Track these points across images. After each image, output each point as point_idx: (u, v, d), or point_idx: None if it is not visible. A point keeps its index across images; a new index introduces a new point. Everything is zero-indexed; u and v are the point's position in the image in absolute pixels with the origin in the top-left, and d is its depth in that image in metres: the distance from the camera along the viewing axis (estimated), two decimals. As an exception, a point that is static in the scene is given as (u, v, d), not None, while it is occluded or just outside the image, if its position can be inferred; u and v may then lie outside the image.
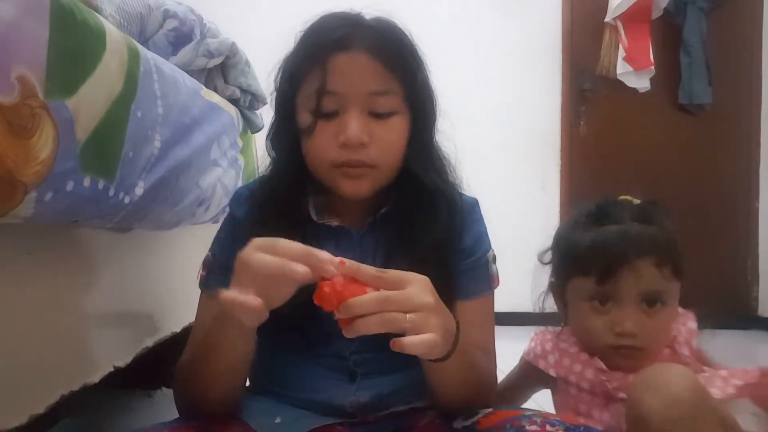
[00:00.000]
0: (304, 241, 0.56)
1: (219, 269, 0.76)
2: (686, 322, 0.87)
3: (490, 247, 0.83)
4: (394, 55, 0.71)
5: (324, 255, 0.55)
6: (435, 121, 0.79)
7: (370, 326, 0.54)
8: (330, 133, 0.70)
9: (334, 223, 0.76)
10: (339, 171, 0.71)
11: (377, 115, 0.71)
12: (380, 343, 0.65)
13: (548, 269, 0.93)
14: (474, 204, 0.83)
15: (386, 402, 0.77)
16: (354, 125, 0.69)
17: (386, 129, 0.72)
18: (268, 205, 0.75)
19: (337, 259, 0.55)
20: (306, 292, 0.58)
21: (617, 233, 0.82)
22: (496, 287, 0.82)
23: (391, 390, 0.77)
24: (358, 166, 0.71)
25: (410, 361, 0.66)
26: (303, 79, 0.72)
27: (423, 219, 0.75)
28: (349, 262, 0.56)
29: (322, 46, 0.70)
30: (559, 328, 0.91)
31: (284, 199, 0.75)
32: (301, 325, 0.72)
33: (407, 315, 0.55)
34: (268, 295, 0.55)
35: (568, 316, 0.89)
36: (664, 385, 0.65)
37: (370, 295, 0.55)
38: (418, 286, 0.57)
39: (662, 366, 0.70)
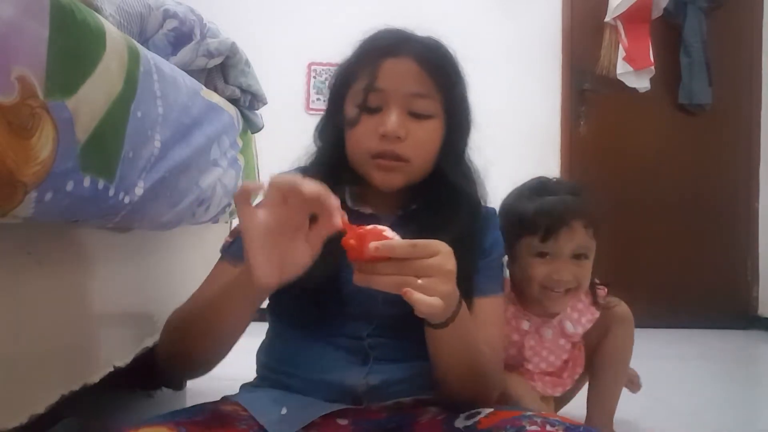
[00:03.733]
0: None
1: None
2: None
3: (505, 253, 0.89)
4: (437, 66, 0.80)
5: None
6: (468, 134, 0.87)
7: (385, 284, 0.59)
8: (372, 125, 0.78)
9: (368, 211, 0.83)
10: (374, 162, 0.79)
11: (415, 116, 0.79)
12: (396, 330, 0.76)
13: None
14: (493, 213, 0.91)
15: (393, 389, 0.79)
16: (394, 120, 0.77)
17: (422, 129, 0.79)
18: None
19: (384, 228, 0.60)
20: (328, 268, 0.68)
21: (557, 201, 1.08)
22: (506, 291, 0.89)
23: (400, 378, 0.79)
24: (392, 158, 0.78)
25: (421, 353, 0.74)
26: (354, 79, 0.81)
27: (447, 216, 0.81)
28: (387, 241, 0.59)
29: (375, 51, 0.80)
30: None
31: (325, 183, 0.80)
32: (322, 302, 0.77)
33: (419, 280, 0.59)
34: (284, 259, 0.59)
35: (513, 270, 1.10)
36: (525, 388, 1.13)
37: (401, 244, 0.59)
38: (443, 257, 0.62)
39: (521, 380, 1.14)
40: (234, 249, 0.80)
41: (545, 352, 1.17)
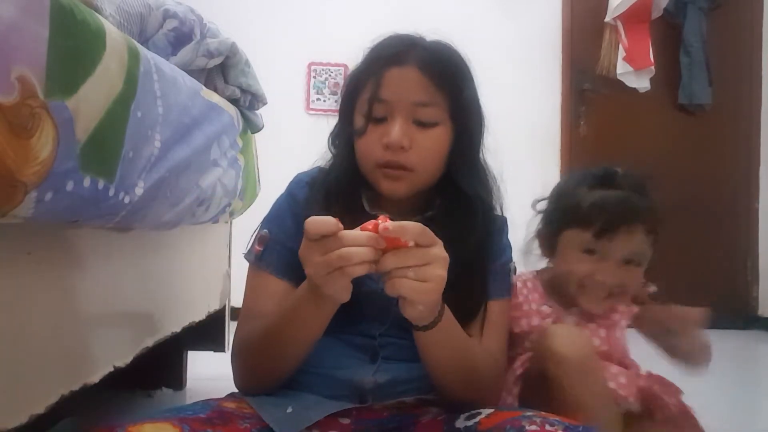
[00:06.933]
0: (355, 225, 0.63)
1: (276, 245, 0.83)
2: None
3: (512, 260, 0.91)
4: (441, 73, 0.79)
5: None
6: (480, 138, 0.87)
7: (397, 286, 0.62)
8: (377, 135, 0.79)
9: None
10: (380, 171, 0.80)
11: (420, 125, 0.79)
12: (407, 331, 0.77)
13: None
14: (504, 221, 0.92)
15: (399, 389, 0.80)
16: (397, 130, 0.77)
17: (427, 137, 0.79)
18: (328, 192, 0.83)
19: (383, 225, 0.60)
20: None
21: (620, 197, 0.94)
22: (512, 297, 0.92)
23: (406, 377, 0.80)
24: (396, 167, 0.79)
25: None
26: (361, 88, 0.82)
27: (464, 224, 0.82)
28: (392, 225, 0.60)
29: (380, 60, 0.81)
30: (535, 270, 1.05)
31: (342, 188, 0.84)
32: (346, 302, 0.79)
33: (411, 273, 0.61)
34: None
35: (554, 261, 1.02)
36: (571, 336, 0.86)
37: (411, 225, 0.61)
38: (440, 247, 0.63)
39: (566, 326, 0.91)
40: (268, 258, 0.83)
41: None
